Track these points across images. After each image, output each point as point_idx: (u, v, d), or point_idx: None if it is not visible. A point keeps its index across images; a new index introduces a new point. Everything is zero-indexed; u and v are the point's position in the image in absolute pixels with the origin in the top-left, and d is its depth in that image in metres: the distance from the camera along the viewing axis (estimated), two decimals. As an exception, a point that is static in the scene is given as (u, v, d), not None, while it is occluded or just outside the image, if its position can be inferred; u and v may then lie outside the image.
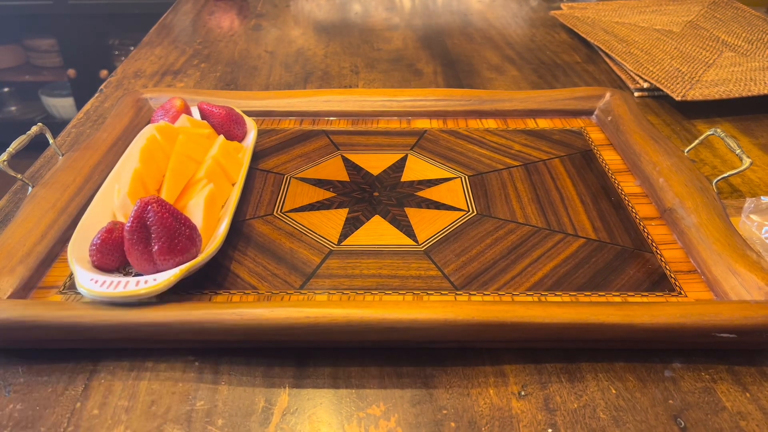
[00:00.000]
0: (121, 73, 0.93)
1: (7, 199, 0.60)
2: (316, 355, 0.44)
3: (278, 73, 0.93)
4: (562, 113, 0.75)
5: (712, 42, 0.94)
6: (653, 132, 0.66)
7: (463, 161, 0.66)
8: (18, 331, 0.42)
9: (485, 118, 0.75)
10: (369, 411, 0.40)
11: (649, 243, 0.53)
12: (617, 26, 1.05)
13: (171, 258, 0.45)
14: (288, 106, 0.74)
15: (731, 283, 0.46)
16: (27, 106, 2.17)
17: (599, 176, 0.63)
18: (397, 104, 0.74)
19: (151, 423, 0.39)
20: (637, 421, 0.39)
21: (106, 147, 0.62)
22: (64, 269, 0.50)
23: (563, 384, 0.42)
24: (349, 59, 0.99)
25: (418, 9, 1.27)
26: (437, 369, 0.43)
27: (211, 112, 0.63)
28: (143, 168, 0.53)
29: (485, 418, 0.39)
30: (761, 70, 0.84)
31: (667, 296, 0.48)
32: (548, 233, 0.55)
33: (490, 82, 0.90)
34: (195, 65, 0.96)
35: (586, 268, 0.50)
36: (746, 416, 0.40)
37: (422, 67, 0.96)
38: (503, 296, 0.48)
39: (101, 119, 0.77)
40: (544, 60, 0.98)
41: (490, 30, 1.14)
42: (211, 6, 1.28)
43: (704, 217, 0.52)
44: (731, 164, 0.67)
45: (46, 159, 0.67)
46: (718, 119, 0.78)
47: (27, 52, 2.09)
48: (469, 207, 0.58)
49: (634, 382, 0.42)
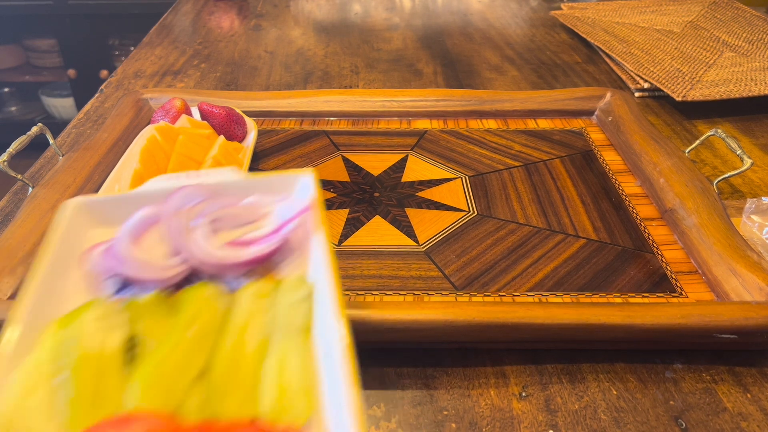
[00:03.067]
0: (121, 73, 0.93)
1: (7, 200, 0.60)
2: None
3: (278, 74, 0.93)
4: (563, 113, 0.75)
5: (712, 42, 0.94)
6: (654, 132, 0.66)
7: (464, 162, 0.66)
8: (18, 331, 0.42)
9: (485, 119, 0.75)
10: (369, 412, 0.40)
11: (650, 243, 0.53)
12: (617, 26, 1.04)
13: (171, 259, 0.44)
14: (288, 107, 0.74)
15: (732, 284, 0.46)
16: (27, 107, 2.17)
17: (600, 177, 0.63)
18: (397, 104, 0.74)
19: (151, 424, 0.39)
20: (638, 422, 0.39)
21: (107, 147, 0.62)
22: (65, 270, 0.50)
23: (564, 385, 0.42)
24: (349, 59, 0.99)
25: (418, 9, 1.27)
26: (438, 370, 0.43)
27: (211, 112, 0.63)
28: (143, 168, 0.53)
29: (486, 419, 0.39)
30: (762, 70, 0.84)
31: (668, 297, 0.48)
32: (549, 234, 0.55)
33: (490, 83, 0.90)
34: (195, 65, 0.96)
35: (587, 268, 0.50)
36: (747, 417, 0.40)
37: (422, 68, 0.96)
38: (504, 297, 0.47)
39: (101, 119, 0.77)
40: (544, 60, 0.98)
41: (490, 30, 1.14)
42: (211, 6, 1.28)
43: (705, 217, 0.52)
44: (732, 165, 0.67)
45: (46, 159, 0.67)
46: (718, 119, 0.78)
47: (27, 52, 2.10)
48: (469, 207, 0.58)
49: (635, 383, 0.42)
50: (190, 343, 0.30)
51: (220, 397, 0.28)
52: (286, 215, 0.35)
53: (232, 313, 0.32)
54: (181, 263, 0.34)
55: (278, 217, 0.36)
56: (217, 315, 0.32)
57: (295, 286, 0.33)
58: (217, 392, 0.29)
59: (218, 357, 0.30)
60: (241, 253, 0.34)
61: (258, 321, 0.31)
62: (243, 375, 0.29)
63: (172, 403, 0.27)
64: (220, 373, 0.29)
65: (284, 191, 0.37)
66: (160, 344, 0.30)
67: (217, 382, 0.29)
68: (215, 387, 0.29)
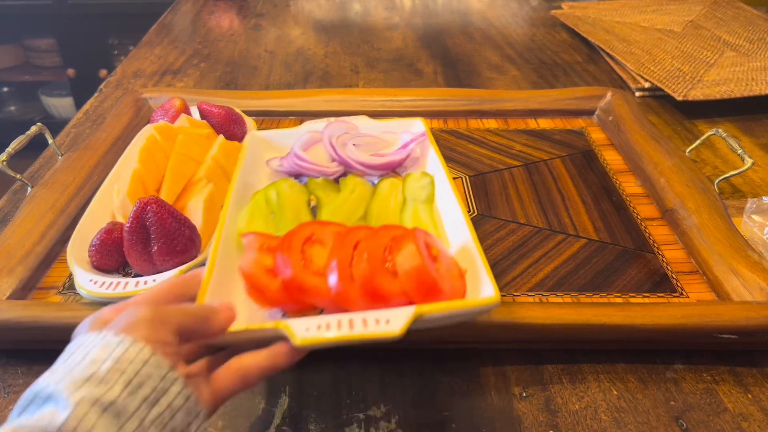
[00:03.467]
0: (121, 73, 0.93)
1: (7, 199, 0.60)
2: (316, 356, 0.44)
3: (278, 73, 0.93)
4: (563, 113, 0.75)
5: (713, 42, 0.94)
6: (654, 132, 0.65)
7: (464, 161, 0.66)
8: (17, 331, 0.42)
9: (486, 118, 0.75)
10: (370, 412, 0.40)
11: (651, 243, 0.53)
12: (618, 26, 1.04)
13: (170, 258, 0.45)
14: (288, 106, 0.74)
15: (733, 284, 0.46)
16: (26, 106, 2.17)
17: (600, 176, 0.63)
18: (397, 104, 0.74)
19: (150, 424, 0.39)
20: (639, 423, 0.39)
21: (106, 147, 0.62)
22: (64, 270, 0.50)
23: (564, 385, 0.42)
24: (349, 59, 0.99)
25: (418, 8, 1.27)
26: (438, 370, 0.43)
27: (211, 112, 0.63)
28: (143, 168, 0.53)
29: (486, 419, 0.39)
30: (762, 69, 0.84)
31: (668, 297, 0.48)
32: (549, 233, 0.55)
33: (491, 82, 0.90)
34: (195, 65, 0.96)
35: (588, 268, 0.50)
36: (748, 417, 0.39)
37: (422, 67, 0.95)
38: (504, 297, 0.47)
39: (101, 119, 0.77)
40: (545, 60, 0.98)
41: (490, 29, 1.13)
42: (211, 6, 1.28)
43: (706, 217, 0.52)
44: (733, 164, 0.67)
45: (46, 159, 0.67)
46: (719, 119, 0.78)
47: (27, 52, 2.09)
48: (470, 207, 0.58)
49: (635, 383, 0.42)
50: (353, 200, 0.48)
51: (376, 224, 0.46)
52: (409, 138, 0.54)
53: (377, 189, 0.50)
54: (337, 166, 0.52)
55: (403, 140, 0.54)
56: (368, 188, 0.50)
57: (420, 177, 0.50)
58: (373, 224, 0.46)
59: (372, 209, 0.48)
60: (381, 159, 0.53)
61: (395, 193, 0.49)
62: (390, 218, 0.47)
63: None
64: (374, 216, 0.47)
65: (404, 128, 0.56)
66: (333, 201, 0.48)
67: (373, 221, 0.46)
68: (372, 223, 0.46)
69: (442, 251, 0.38)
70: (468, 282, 0.38)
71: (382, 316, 0.33)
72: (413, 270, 0.35)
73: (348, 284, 0.35)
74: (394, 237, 0.38)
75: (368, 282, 0.35)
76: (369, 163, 0.52)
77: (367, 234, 0.38)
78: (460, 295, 0.36)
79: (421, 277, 0.35)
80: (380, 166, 0.52)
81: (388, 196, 0.49)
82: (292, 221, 0.45)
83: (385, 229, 0.39)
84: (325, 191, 0.49)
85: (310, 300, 0.36)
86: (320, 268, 0.37)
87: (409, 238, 0.37)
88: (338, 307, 0.36)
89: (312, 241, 0.38)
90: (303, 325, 0.32)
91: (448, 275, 0.37)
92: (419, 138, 0.53)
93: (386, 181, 0.50)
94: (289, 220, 0.45)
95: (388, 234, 0.38)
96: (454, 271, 0.38)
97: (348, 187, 0.49)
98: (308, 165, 0.52)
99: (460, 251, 0.41)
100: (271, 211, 0.46)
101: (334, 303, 0.36)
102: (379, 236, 0.38)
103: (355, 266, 0.36)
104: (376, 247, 0.37)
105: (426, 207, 0.47)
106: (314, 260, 0.37)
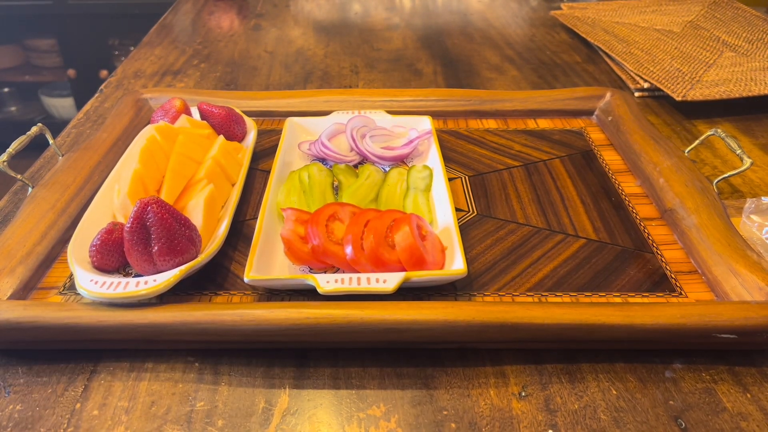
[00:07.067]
0: (121, 73, 0.93)
1: (7, 200, 0.60)
2: (316, 355, 0.44)
3: (278, 73, 0.93)
4: (563, 113, 0.75)
5: (712, 42, 0.94)
6: (653, 132, 0.65)
7: (464, 161, 0.66)
8: (18, 331, 0.42)
9: (485, 119, 0.75)
10: (369, 412, 0.40)
11: (650, 243, 0.53)
12: (617, 26, 1.04)
13: (171, 258, 0.45)
14: (288, 106, 0.74)
15: (732, 284, 0.46)
16: (27, 106, 2.17)
17: (599, 176, 0.63)
18: (397, 104, 0.74)
19: (151, 424, 0.39)
20: (638, 422, 0.39)
21: (106, 147, 0.62)
22: (64, 270, 0.50)
23: (564, 385, 0.42)
24: (349, 59, 0.99)
25: (418, 9, 1.27)
26: (438, 370, 0.43)
27: (211, 112, 0.63)
28: (143, 168, 0.53)
29: (486, 418, 0.39)
30: (762, 70, 0.84)
31: (667, 297, 0.48)
32: (549, 234, 0.55)
33: (490, 82, 0.90)
34: (195, 65, 0.96)
35: (587, 268, 0.50)
36: (747, 417, 0.40)
37: (422, 67, 0.96)
38: (504, 297, 0.47)
39: (101, 119, 0.77)
40: (544, 60, 0.98)
41: (490, 30, 1.14)
42: (211, 6, 1.28)
43: (705, 217, 0.52)
44: (732, 164, 0.67)
45: (46, 159, 0.67)
46: (718, 119, 0.78)
47: (27, 52, 2.09)
48: (469, 207, 0.58)
49: (634, 383, 0.42)
50: (368, 185, 0.58)
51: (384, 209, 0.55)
52: (415, 135, 0.65)
53: (386, 178, 0.60)
54: (355, 155, 0.63)
55: (411, 135, 0.65)
56: (380, 175, 0.60)
57: (422, 169, 0.60)
58: (382, 206, 0.56)
59: (382, 194, 0.58)
60: (392, 151, 0.63)
61: (401, 182, 0.59)
62: (395, 202, 0.56)
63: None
64: (383, 200, 0.57)
65: (413, 125, 0.67)
66: (352, 185, 0.58)
67: (381, 205, 0.56)
68: (381, 206, 0.56)
69: (430, 232, 0.49)
70: (447, 256, 0.49)
71: (382, 277, 0.44)
72: (407, 246, 0.46)
73: (359, 253, 0.46)
74: (395, 219, 0.49)
75: (373, 252, 0.46)
76: (381, 155, 0.63)
77: (375, 215, 0.49)
78: (440, 266, 0.47)
79: (411, 251, 0.46)
80: (390, 158, 0.63)
81: (395, 183, 0.59)
82: (320, 198, 0.56)
83: (389, 213, 0.50)
84: (346, 176, 0.60)
85: (331, 262, 0.48)
86: (339, 239, 0.48)
87: (406, 222, 0.48)
88: (351, 268, 0.47)
89: (334, 218, 0.50)
90: (325, 279, 0.44)
91: (432, 250, 0.48)
92: (424, 135, 0.64)
93: (395, 170, 0.61)
94: (317, 197, 0.56)
95: (391, 217, 0.49)
96: (437, 247, 0.48)
97: (364, 173, 0.60)
98: (331, 153, 0.63)
99: (443, 231, 0.52)
100: (303, 189, 0.57)
101: (348, 265, 0.47)
102: (383, 218, 0.49)
103: (365, 239, 0.47)
104: (381, 227, 0.48)
105: (424, 195, 0.57)
106: (335, 233, 0.49)
